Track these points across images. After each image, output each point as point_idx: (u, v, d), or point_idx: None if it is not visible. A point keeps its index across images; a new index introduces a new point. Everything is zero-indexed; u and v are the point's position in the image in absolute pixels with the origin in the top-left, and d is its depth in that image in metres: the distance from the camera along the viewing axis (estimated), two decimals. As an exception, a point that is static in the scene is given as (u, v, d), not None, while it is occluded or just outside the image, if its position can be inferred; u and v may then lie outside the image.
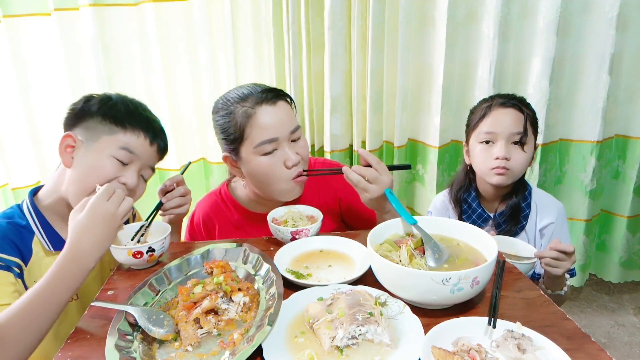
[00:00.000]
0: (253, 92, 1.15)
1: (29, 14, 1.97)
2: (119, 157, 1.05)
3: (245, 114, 1.13)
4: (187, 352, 0.76)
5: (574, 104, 2.11)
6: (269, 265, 0.90)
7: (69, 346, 0.78)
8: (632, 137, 2.16)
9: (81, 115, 1.07)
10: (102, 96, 1.10)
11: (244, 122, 1.13)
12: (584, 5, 1.96)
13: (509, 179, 1.33)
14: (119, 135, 1.06)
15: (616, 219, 2.31)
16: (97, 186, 1.00)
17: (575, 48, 2.02)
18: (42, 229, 1.06)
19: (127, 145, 1.06)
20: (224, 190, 1.36)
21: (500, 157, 1.31)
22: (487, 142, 1.35)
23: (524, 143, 1.31)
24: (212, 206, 1.35)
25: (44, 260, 1.04)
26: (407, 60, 2.06)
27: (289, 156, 1.15)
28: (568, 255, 1.17)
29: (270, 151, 1.15)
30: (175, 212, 1.21)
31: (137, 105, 1.14)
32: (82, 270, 0.85)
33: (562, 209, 1.40)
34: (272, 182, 1.18)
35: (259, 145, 1.13)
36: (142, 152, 1.09)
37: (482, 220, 1.42)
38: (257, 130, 1.13)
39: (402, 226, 0.99)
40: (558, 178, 2.27)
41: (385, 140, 2.30)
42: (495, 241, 0.86)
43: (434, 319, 0.77)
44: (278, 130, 1.14)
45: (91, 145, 1.05)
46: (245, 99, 1.15)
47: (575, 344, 0.71)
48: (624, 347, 2.10)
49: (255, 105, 1.13)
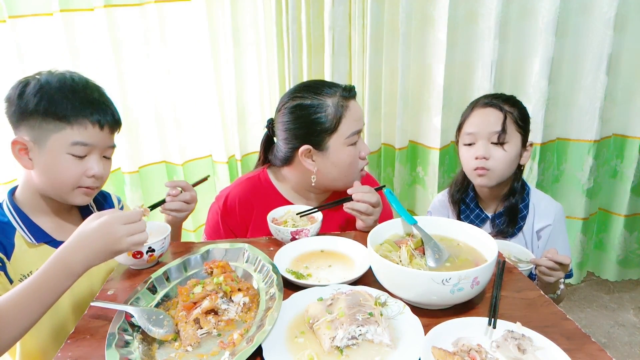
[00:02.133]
0: (336, 88, 1.23)
1: (34, 14, 1.97)
2: (75, 152, 1.02)
3: (342, 107, 1.21)
4: (187, 352, 0.76)
5: (572, 103, 2.12)
6: (269, 265, 0.90)
7: (68, 346, 0.78)
8: (630, 136, 2.18)
9: (21, 114, 1.01)
10: (35, 85, 1.01)
11: (340, 113, 1.21)
12: (581, 6, 1.97)
13: (491, 179, 1.33)
14: (66, 131, 1.01)
15: (614, 218, 2.32)
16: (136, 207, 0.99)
17: (573, 48, 2.03)
18: (23, 224, 1.06)
19: (78, 140, 1.01)
20: (264, 177, 1.37)
21: (479, 157, 1.31)
22: (470, 144, 1.35)
23: (504, 142, 1.30)
24: (253, 190, 1.35)
25: (28, 252, 1.05)
26: (407, 60, 2.06)
27: (364, 147, 1.27)
28: (563, 266, 1.17)
29: (354, 142, 1.24)
30: (174, 214, 1.22)
31: (74, 86, 1.04)
32: (69, 275, 0.84)
33: (561, 211, 1.39)
34: (352, 171, 1.26)
35: (351, 136, 1.22)
36: (96, 139, 1.04)
37: (479, 221, 1.42)
38: (350, 122, 1.22)
39: (402, 226, 0.99)
40: (556, 177, 2.28)
41: (384, 143, 2.30)
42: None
43: (434, 319, 0.77)
44: (360, 124, 1.25)
45: (43, 146, 1.01)
46: (334, 94, 1.22)
47: (575, 344, 0.71)
48: (624, 347, 2.10)
49: (346, 100, 1.22)
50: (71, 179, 1.03)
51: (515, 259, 1.23)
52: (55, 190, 1.05)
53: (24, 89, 1.01)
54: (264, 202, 1.32)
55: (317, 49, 2.13)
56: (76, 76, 1.07)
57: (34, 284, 0.82)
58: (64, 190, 1.05)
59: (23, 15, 1.95)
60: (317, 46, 2.12)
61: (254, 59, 2.21)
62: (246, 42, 2.16)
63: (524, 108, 1.37)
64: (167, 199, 1.20)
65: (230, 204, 1.33)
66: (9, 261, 1.02)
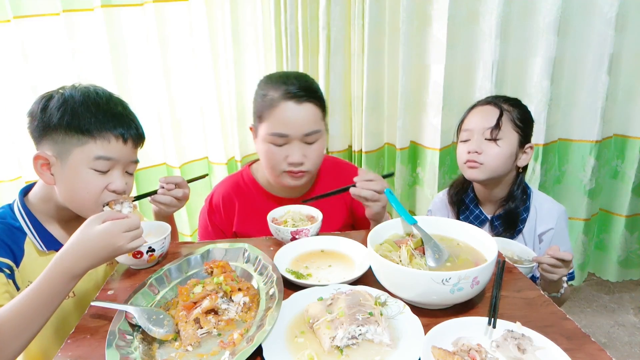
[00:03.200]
0: (286, 83, 1.20)
1: (38, 14, 1.98)
2: (98, 167, 1.01)
3: (271, 102, 1.19)
4: (187, 352, 0.76)
5: (573, 103, 2.11)
6: (269, 265, 0.90)
7: (69, 346, 0.78)
8: (631, 136, 2.17)
9: (43, 128, 1.00)
10: (59, 99, 1.00)
11: (266, 108, 1.20)
12: (582, 6, 1.96)
13: (482, 173, 1.33)
14: (89, 145, 1.00)
15: (615, 218, 2.31)
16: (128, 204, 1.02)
17: (574, 48, 2.03)
18: (35, 230, 1.05)
19: (101, 155, 1.00)
20: (246, 172, 1.39)
21: (471, 151, 1.33)
22: (465, 141, 1.37)
23: (497, 138, 1.31)
24: (234, 186, 1.37)
25: (38, 260, 1.04)
26: (408, 60, 2.05)
27: (293, 153, 1.20)
28: (565, 263, 1.17)
29: (280, 144, 1.20)
30: (162, 207, 1.20)
31: (97, 100, 1.03)
32: (71, 279, 0.85)
33: (564, 214, 1.38)
34: (269, 167, 1.25)
35: (271, 135, 1.20)
36: (119, 154, 1.04)
37: (479, 222, 1.42)
38: (273, 121, 1.19)
39: (402, 226, 0.99)
40: (557, 178, 2.27)
41: (387, 142, 2.30)
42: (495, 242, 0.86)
43: (434, 319, 0.77)
44: (291, 129, 1.18)
45: (65, 160, 1.00)
46: (279, 88, 1.19)
47: (575, 344, 0.71)
48: (624, 347, 2.10)
49: (280, 98, 1.18)
50: (93, 194, 1.02)
51: (517, 257, 1.23)
52: (76, 205, 1.04)
53: (47, 103, 1.00)
54: (245, 198, 1.35)
55: (315, 49, 2.13)
56: (100, 90, 1.06)
57: (36, 291, 0.82)
58: (86, 205, 1.03)
59: (28, 16, 1.96)
60: (315, 46, 2.12)
61: (254, 59, 2.21)
62: (245, 43, 2.16)
63: (526, 110, 1.37)
64: (159, 191, 1.18)
65: (215, 203, 1.37)
66: (18, 268, 1.01)
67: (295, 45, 2.10)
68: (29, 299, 0.82)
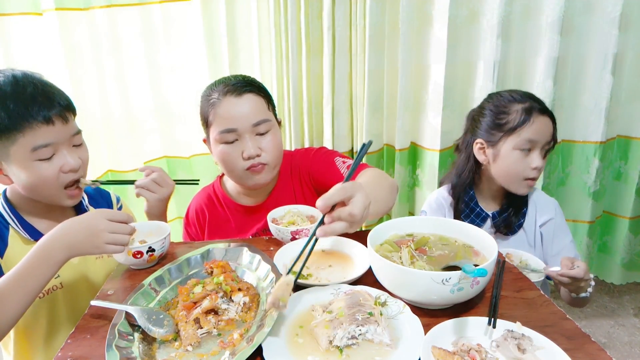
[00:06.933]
0: (225, 82, 1.21)
1: (20, 12, 1.95)
2: (41, 156, 0.97)
3: (210, 103, 1.20)
4: (187, 352, 0.76)
5: (577, 104, 2.09)
6: (269, 265, 0.90)
7: (69, 346, 0.78)
8: (634, 137, 2.15)
9: None
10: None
11: (208, 110, 1.20)
12: (586, 5, 1.95)
13: (531, 188, 1.35)
14: (20, 140, 0.94)
15: (618, 220, 2.29)
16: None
17: (577, 48, 2.01)
18: (18, 222, 1.06)
19: (36, 145, 0.95)
20: (217, 184, 1.40)
21: (539, 168, 1.28)
22: (527, 150, 1.29)
23: (549, 152, 1.31)
24: (205, 199, 1.39)
25: (24, 249, 1.02)
26: (408, 60, 2.05)
27: (246, 147, 1.19)
28: (579, 280, 1.17)
29: (231, 141, 1.19)
30: (144, 193, 1.21)
31: (5, 91, 0.94)
32: (52, 264, 0.86)
33: (558, 205, 1.41)
34: (229, 170, 1.24)
35: (220, 134, 1.19)
36: (55, 136, 0.97)
37: (480, 219, 1.42)
38: (219, 120, 1.19)
39: (402, 226, 0.98)
40: (561, 180, 2.25)
41: (386, 143, 2.29)
42: (505, 254, 0.86)
43: (434, 319, 0.77)
44: (237, 122, 1.17)
45: (9, 161, 0.97)
46: (216, 88, 1.20)
47: (575, 344, 0.71)
48: (624, 347, 2.09)
49: (221, 95, 1.18)
50: (49, 182, 1.00)
51: (528, 270, 1.23)
52: (40, 196, 1.04)
53: None
54: (214, 209, 1.36)
55: (316, 50, 2.12)
56: (1, 80, 0.95)
57: (17, 274, 0.84)
58: (48, 194, 1.03)
59: (10, 14, 1.93)
60: (316, 47, 2.12)
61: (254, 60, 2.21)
62: (245, 43, 2.16)
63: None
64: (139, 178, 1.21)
65: (190, 215, 1.40)
66: (2, 258, 1.02)
67: (298, 47, 2.09)
68: (10, 282, 0.83)
